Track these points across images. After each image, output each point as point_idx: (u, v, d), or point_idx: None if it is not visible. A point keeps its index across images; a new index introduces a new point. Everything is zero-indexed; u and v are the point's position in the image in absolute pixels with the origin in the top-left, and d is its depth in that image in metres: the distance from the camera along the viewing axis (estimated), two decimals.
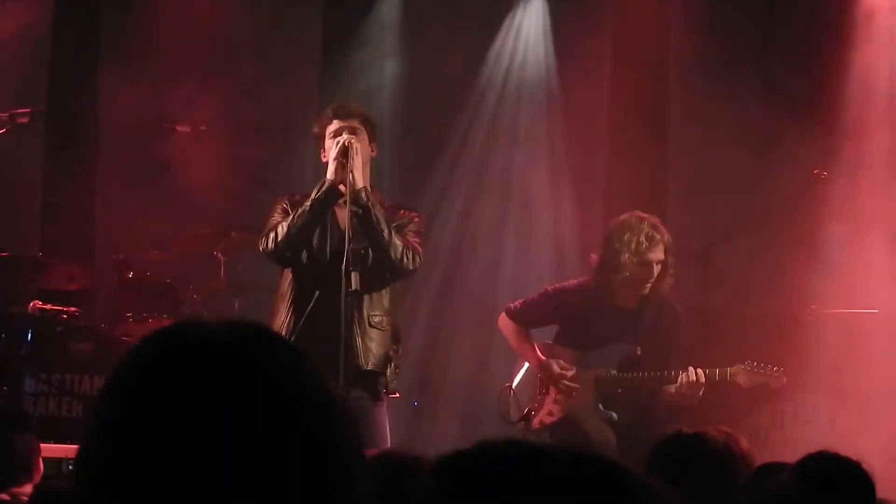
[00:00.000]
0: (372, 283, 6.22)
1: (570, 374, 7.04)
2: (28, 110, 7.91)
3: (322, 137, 6.41)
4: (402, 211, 6.54)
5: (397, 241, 6.24)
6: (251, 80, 9.79)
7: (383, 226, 6.19)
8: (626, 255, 6.85)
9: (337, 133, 6.31)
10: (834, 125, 8.90)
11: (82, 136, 9.72)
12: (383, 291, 6.37)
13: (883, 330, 8.11)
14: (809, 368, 7.86)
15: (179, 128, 8.89)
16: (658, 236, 6.89)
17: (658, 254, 6.87)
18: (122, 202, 9.50)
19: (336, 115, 6.38)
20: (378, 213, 6.20)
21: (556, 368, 7.06)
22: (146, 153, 9.26)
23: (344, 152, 6.20)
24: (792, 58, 9.41)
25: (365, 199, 6.18)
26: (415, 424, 9.40)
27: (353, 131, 6.31)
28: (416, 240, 6.40)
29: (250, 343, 1.47)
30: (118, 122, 9.65)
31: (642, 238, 6.85)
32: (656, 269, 6.87)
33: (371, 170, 6.47)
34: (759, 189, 8.95)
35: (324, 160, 6.38)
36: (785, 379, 6.79)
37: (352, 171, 6.17)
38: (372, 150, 6.42)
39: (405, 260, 6.26)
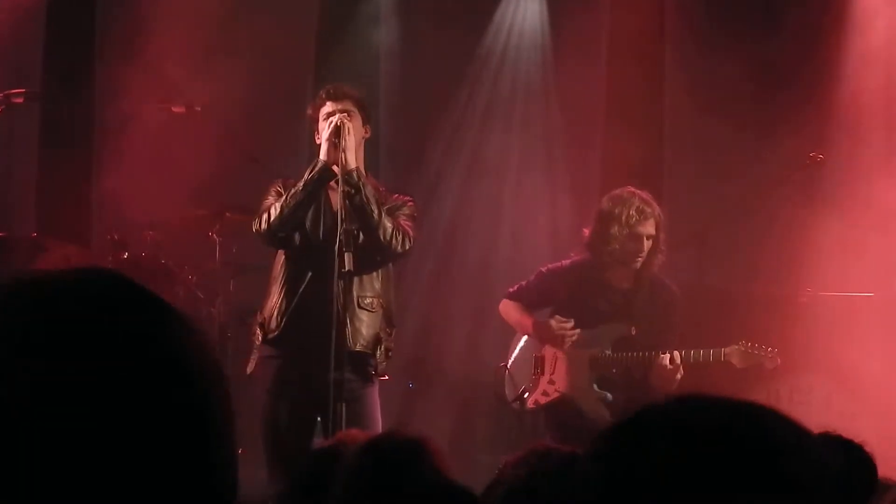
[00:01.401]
0: (363, 264, 6.19)
1: (569, 324, 7.03)
2: (23, 91, 7.87)
3: (316, 120, 6.41)
4: (396, 195, 6.53)
5: (387, 223, 6.22)
6: (246, 61, 9.77)
7: (373, 206, 6.17)
8: (616, 228, 6.87)
9: (330, 115, 6.31)
10: (830, 108, 8.91)
11: (77, 117, 9.69)
12: (374, 273, 6.35)
13: (877, 313, 8.12)
14: (805, 350, 7.88)
15: (175, 108, 8.87)
16: (649, 210, 6.89)
17: (648, 228, 6.88)
18: (117, 183, 9.48)
19: (329, 97, 6.38)
20: (368, 193, 6.18)
21: (553, 324, 7.06)
22: (141, 134, 9.25)
23: (336, 132, 6.20)
24: (789, 40, 9.40)
25: (356, 179, 6.16)
26: (411, 405, 9.41)
27: (346, 112, 6.31)
28: (409, 223, 6.38)
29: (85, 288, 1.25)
30: (113, 102, 9.63)
31: (632, 211, 6.87)
32: (646, 243, 6.88)
33: (365, 152, 6.48)
34: (755, 171, 8.95)
35: (317, 142, 6.38)
36: (779, 360, 6.81)
37: (344, 152, 6.16)
38: (366, 132, 6.42)
39: (394, 241, 6.24)
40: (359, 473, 2.96)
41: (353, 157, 6.20)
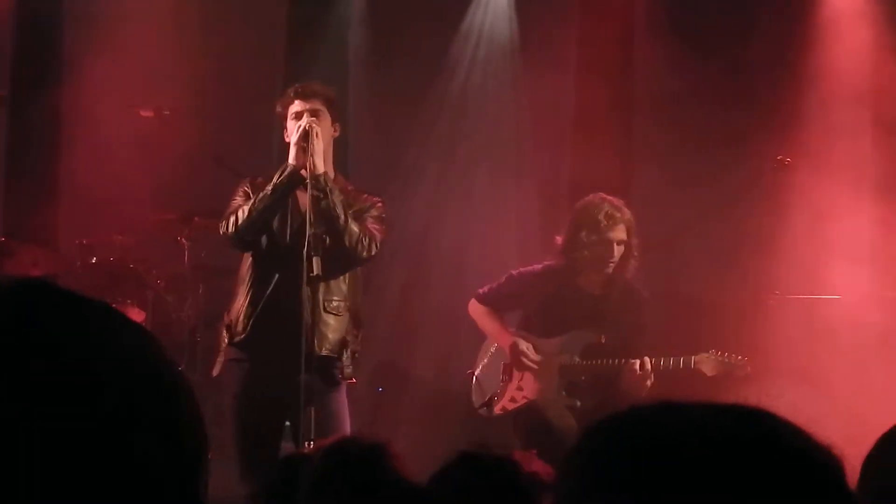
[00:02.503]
0: (330, 268, 6.15)
1: (533, 356, 7.04)
2: None
3: (284, 118, 6.36)
4: (365, 196, 6.48)
5: (353, 227, 6.18)
6: (215, 64, 9.75)
7: (339, 211, 6.13)
8: (585, 234, 6.87)
9: (298, 115, 6.26)
10: (798, 113, 8.95)
11: (45, 121, 9.65)
12: (342, 276, 6.32)
13: (845, 315, 8.16)
14: (773, 354, 7.90)
15: (143, 112, 8.85)
16: (619, 215, 6.89)
17: (618, 233, 6.88)
18: (85, 187, 9.45)
19: (298, 96, 6.32)
20: (335, 198, 6.14)
21: (521, 347, 7.06)
22: (110, 138, 9.22)
23: (305, 136, 6.17)
24: (757, 46, 9.44)
25: (323, 183, 6.12)
26: (379, 410, 9.40)
27: (315, 113, 6.26)
28: (377, 226, 6.34)
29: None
30: (81, 106, 9.59)
31: (601, 216, 6.86)
32: (617, 249, 6.88)
33: (334, 151, 6.45)
34: (722, 176, 8.98)
35: (286, 140, 6.35)
36: (749, 368, 6.81)
37: (312, 156, 6.13)
38: (335, 131, 6.38)
39: (360, 247, 6.21)
40: (321, 477, 2.96)
41: (321, 161, 6.15)
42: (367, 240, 6.23)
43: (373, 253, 6.30)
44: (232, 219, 6.25)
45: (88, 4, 9.88)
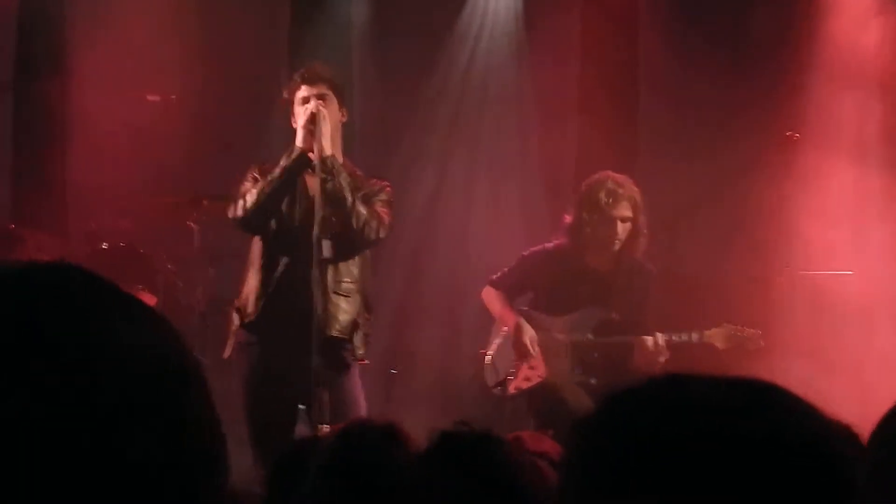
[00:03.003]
0: (339, 250, 6.15)
1: (533, 347, 7.05)
2: None
3: (291, 103, 6.35)
4: (374, 180, 6.49)
5: (361, 210, 6.18)
6: (221, 48, 9.74)
7: (347, 193, 6.13)
8: (587, 213, 6.88)
9: (305, 100, 6.26)
10: (804, 87, 8.92)
11: (52, 107, 9.64)
12: (351, 259, 6.32)
13: (856, 291, 8.15)
14: (784, 330, 7.89)
15: (150, 97, 8.85)
16: (622, 192, 6.88)
17: (622, 210, 6.86)
18: (93, 172, 9.45)
19: (304, 81, 6.32)
20: (342, 180, 6.14)
21: (525, 338, 7.07)
22: (117, 123, 9.21)
23: (312, 120, 6.17)
24: (762, 22, 9.41)
25: (331, 166, 6.12)
26: (393, 391, 9.41)
27: (321, 97, 6.26)
28: (385, 210, 6.34)
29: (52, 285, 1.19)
30: (88, 92, 9.58)
31: (602, 195, 6.86)
32: (621, 226, 6.87)
33: (342, 135, 6.45)
34: (730, 152, 8.97)
35: (293, 125, 6.35)
36: (762, 342, 6.82)
37: (320, 139, 6.13)
38: (342, 116, 6.37)
39: (368, 229, 6.21)
40: (333, 459, 2.97)
41: (328, 144, 6.15)
42: (376, 222, 6.24)
43: (381, 235, 6.31)
44: (241, 202, 6.26)
45: None
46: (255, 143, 9.38)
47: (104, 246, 8.56)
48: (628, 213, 6.88)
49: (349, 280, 6.30)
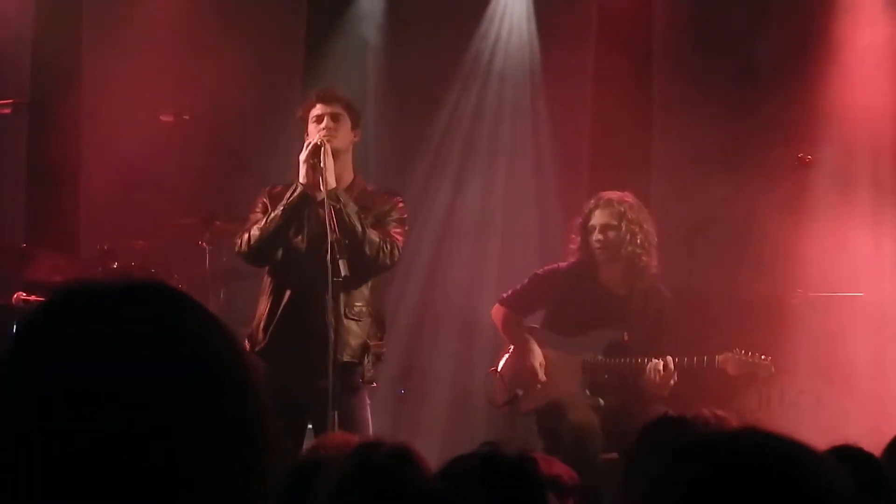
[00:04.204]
0: (352, 275, 6.14)
1: (541, 373, 7.08)
2: (10, 101, 7.86)
3: (306, 121, 6.41)
4: (385, 195, 6.53)
5: (373, 237, 6.22)
6: (234, 68, 9.76)
7: (355, 222, 6.16)
8: (581, 227, 7.07)
9: (319, 118, 6.31)
10: (818, 109, 8.91)
11: (65, 127, 9.67)
12: (363, 283, 6.34)
13: (867, 313, 8.14)
14: (795, 351, 7.89)
15: (163, 117, 8.86)
16: (596, 203, 7.08)
17: (599, 217, 7.05)
18: (106, 192, 9.47)
19: (319, 100, 6.39)
20: (350, 211, 6.17)
21: (534, 361, 7.09)
22: (130, 143, 9.23)
23: (314, 153, 6.19)
24: (777, 39, 9.41)
25: (335, 201, 6.14)
26: (401, 412, 9.40)
27: (335, 117, 6.32)
28: (398, 230, 6.38)
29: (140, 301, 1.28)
30: (101, 112, 9.61)
31: (586, 208, 7.10)
32: (598, 235, 6.97)
33: (354, 155, 6.48)
34: (744, 173, 8.95)
35: (306, 140, 6.36)
36: (773, 368, 6.80)
37: (324, 173, 6.14)
38: (354, 136, 6.43)
39: (381, 255, 6.25)
40: (346, 481, 2.97)
41: (332, 177, 6.17)
42: (388, 246, 6.26)
43: (395, 259, 6.35)
44: (245, 237, 6.34)
45: (107, 10, 9.89)
46: (268, 164, 9.40)
47: (115, 266, 8.56)
48: (606, 220, 7.00)
49: (360, 303, 6.32)
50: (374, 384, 6.54)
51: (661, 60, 9.61)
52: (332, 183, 6.17)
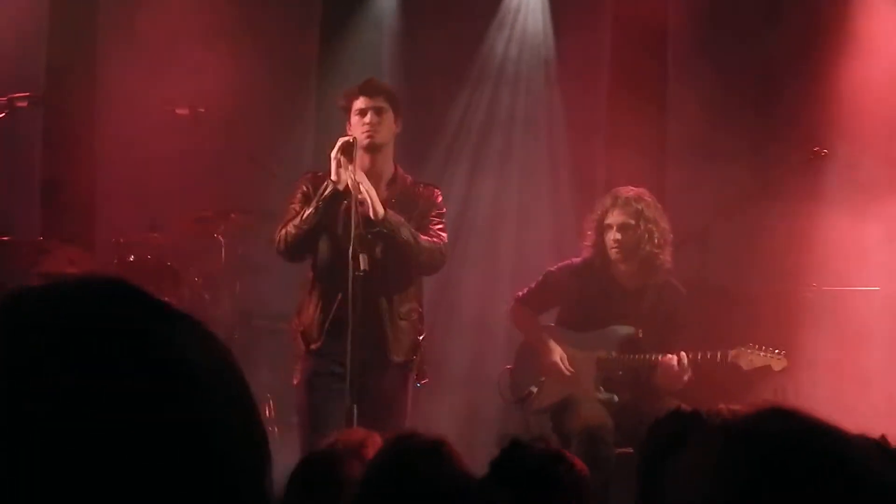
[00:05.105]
0: (400, 277, 6.32)
1: (563, 368, 7.08)
2: (26, 95, 7.86)
3: (348, 112, 6.41)
4: (425, 187, 6.59)
5: (424, 245, 6.30)
6: (249, 61, 9.77)
7: (410, 240, 6.24)
8: (589, 224, 7.02)
9: (363, 112, 6.33)
10: (833, 102, 8.90)
11: (81, 121, 9.70)
12: (413, 285, 6.48)
13: (883, 307, 8.13)
14: (810, 345, 7.88)
15: (178, 111, 8.88)
16: (611, 201, 7.02)
17: (615, 217, 6.97)
18: (121, 186, 9.50)
19: (363, 92, 6.39)
20: (404, 234, 6.24)
21: (555, 357, 7.09)
22: (145, 137, 9.25)
23: (344, 149, 6.18)
24: (790, 35, 9.39)
25: (389, 226, 6.19)
26: (418, 406, 9.40)
27: (378, 111, 6.33)
28: (440, 226, 6.46)
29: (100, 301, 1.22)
30: (116, 105, 9.64)
31: (601, 205, 7.05)
32: (614, 234, 6.93)
33: (394, 146, 6.53)
34: (758, 166, 8.95)
35: (348, 133, 6.37)
36: (786, 362, 6.79)
37: (372, 202, 6.16)
38: (397, 127, 6.47)
39: (435, 260, 6.39)
40: (382, 471, 2.98)
41: (379, 205, 6.21)
42: (438, 251, 6.39)
43: (446, 259, 6.50)
44: (283, 234, 6.34)
45: (122, 4, 9.92)
46: (284, 157, 9.42)
47: (131, 259, 8.59)
48: (622, 219, 6.95)
49: (409, 303, 6.44)
50: (425, 381, 6.66)
51: (676, 52, 9.60)
52: (381, 211, 6.18)
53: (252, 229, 8.81)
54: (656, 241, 6.96)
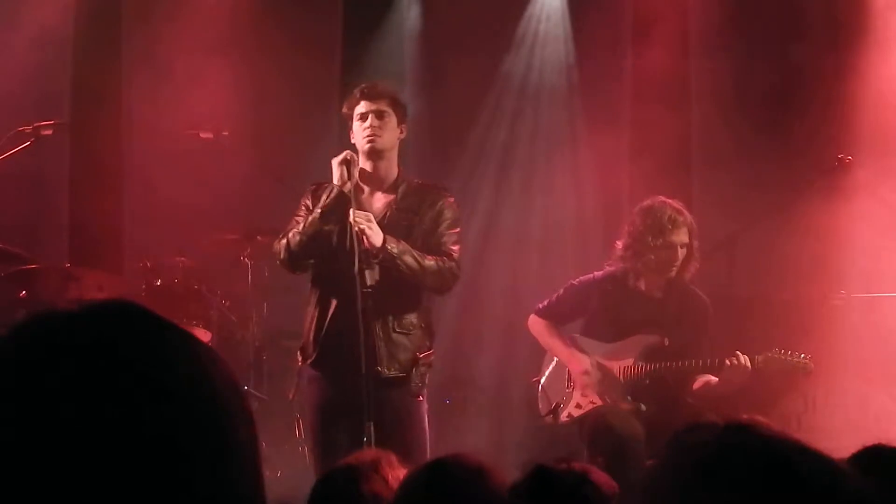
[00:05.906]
0: (401, 292, 6.12)
1: (594, 376, 7.06)
2: (52, 122, 7.91)
3: (350, 118, 6.26)
4: (434, 190, 6.36)
5: (432, 267, 6.12)
6: (272, 83, 9.82)
7: (413, 265, 6.07)
8: (650, 238, 6.89)
9: (364, 116, 6.19)
10: (857, 110, 8.88)
11: (107, 146, 9.76)
12: (415, 293, 6.25)
13: None
14: (839, 352, 7.85)
15: (203, 134, 8.92)
16: (681, 219, 6.91)
17: (681, 236, 6.89)
18: (148, 210, 9.55)
19: (364, 96, 6.21)
20: (407, 260, 6.07)
21: (581, 367, 7.08)
22: (170, 161, 9.30)
23: (344, 164, 6.09)
24: (814, 44, 9.39)
25: (388, 254, 6.02)
26: (447, 421, 9.41)
27: (380, 115, 6.17)
28: (453, 238, 6.28)
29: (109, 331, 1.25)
30: (142, 130, 9.70)
31: (665, 221, 6.89)
32: (681, 252, 6.89)
33: (400, 151, 6.33)
34: (783, 176, 8.94)
35: (351, 140, 6.28)
36: (813, 366, 6.76)
37: (367, 236, 5.99)
38: (401, 132, 6.27)
39: (442, 283, 6.21)
40: (425, 496, 2.98)
41: (376, 236, 6.03)
42: (448, 272, 6.18)
43: (457, 278, 6.27)
44: (283, 242, 6.22)
45: (146, 29, 9.98)
46: (309, 178, 9.43)
47: (158, 283, 8.63)
48: (686, 238, 6.91)
49: (411, 315, 6.23)
50: (421, 398, 6.30)
51: (698, 65, 9.61)
52: (378, 242, 5.99)
53: (275, 242, 8.83)
54: (697, 255, 6.98)
